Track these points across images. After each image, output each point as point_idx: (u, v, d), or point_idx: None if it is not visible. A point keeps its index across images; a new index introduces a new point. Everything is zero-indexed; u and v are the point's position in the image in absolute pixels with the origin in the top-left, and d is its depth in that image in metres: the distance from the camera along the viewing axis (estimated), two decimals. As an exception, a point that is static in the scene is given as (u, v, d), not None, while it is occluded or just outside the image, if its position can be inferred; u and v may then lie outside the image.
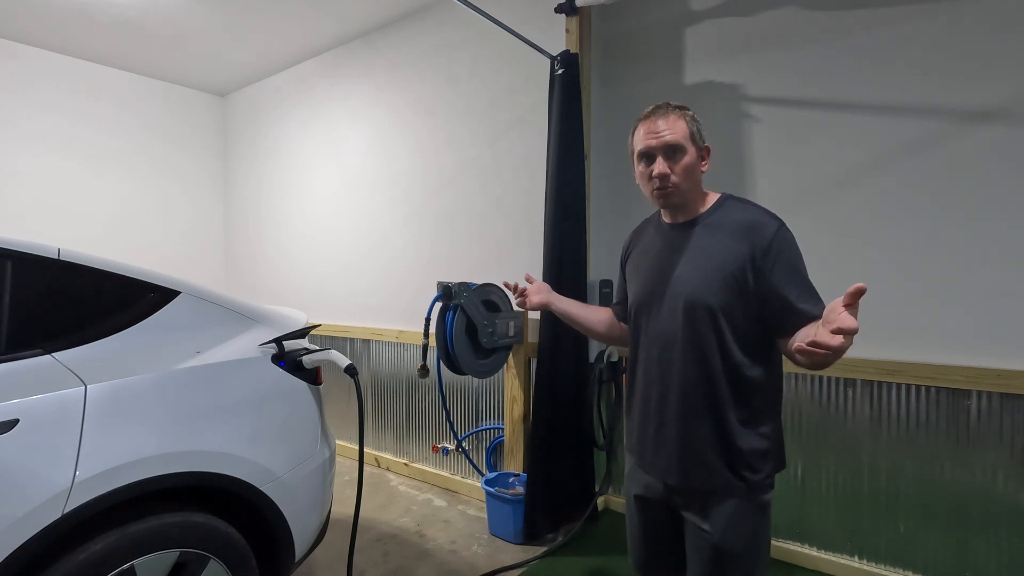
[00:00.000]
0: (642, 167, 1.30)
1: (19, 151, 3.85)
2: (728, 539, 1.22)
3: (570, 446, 2.66)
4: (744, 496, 1.22)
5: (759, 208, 1.26)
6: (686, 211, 1.31)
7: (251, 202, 4.72)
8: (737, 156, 2.47)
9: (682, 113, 1.27)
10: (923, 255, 2.10)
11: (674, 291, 1.26)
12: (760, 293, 1.18)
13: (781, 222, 1.22)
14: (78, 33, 3.70)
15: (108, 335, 1.50)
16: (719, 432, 1.22)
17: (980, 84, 1.99)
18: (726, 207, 1.29)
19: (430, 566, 2.41)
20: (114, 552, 1.35)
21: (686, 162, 1.25)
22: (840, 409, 2.27)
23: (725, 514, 1.22)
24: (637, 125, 1.31)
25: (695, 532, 1.27)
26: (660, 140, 1.24)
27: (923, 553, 2.12)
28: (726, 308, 1.20)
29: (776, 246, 1.17)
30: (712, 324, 1.21)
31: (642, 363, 1.35)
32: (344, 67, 3.92)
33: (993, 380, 1.97)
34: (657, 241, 1.38)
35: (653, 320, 1.31)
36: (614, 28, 2.83)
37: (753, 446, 1.22)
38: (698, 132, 1.28)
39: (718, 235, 1.24)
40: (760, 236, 1.18)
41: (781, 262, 1.17)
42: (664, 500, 1.33)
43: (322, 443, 1.91)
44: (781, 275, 1.17)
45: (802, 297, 1.16)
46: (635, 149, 1.31)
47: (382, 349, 3.66)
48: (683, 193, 1.27)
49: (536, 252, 2.79)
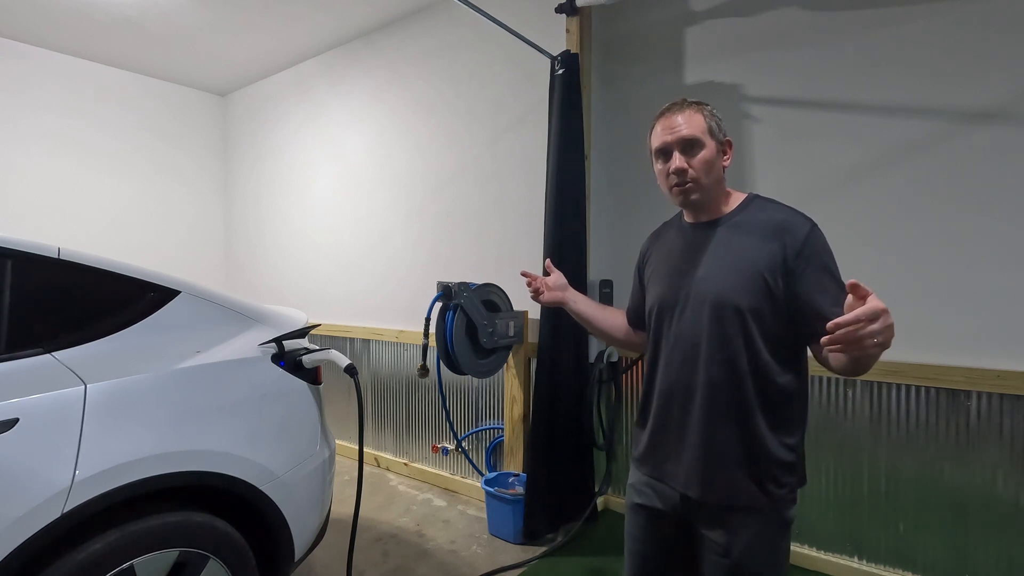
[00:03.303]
0: (660, 164, 1.26)
1: (18, 150, 3.85)
2: (748, 559, 1.15)
3: (570, 446, 2.66)
4: (768, 512, 1.16)
5: (790, 208, 1.22)
6: (709, 210, 1.26)
7: (251, 202, 4.72)
8: (737, 156, 2.47)
9: (699, 107, 1.24)
10: (923, 255, 2.10)
11: (699, 292, 1.20)
12: (791, 296, 1.13)
13: (814, 223, 1.17)
14: (78, 32, 3.70)
15: (108, 334, 1.50)
16: (744, 440, 1.16)
17: (980, 84, 2.00)
18: (754, 206, 1.25)
19: (430, 566, 2.41)
20: (114, 551, 1.35)
21: (704, 156, 1.20)
22: (840, 409, 2.27)
23: (748, 532, 1.16)
24: (654, 123, 1.27)
25: (712, 550, 1.19)
26: (676, 135, 1.21)
27: (923, 553, 2.12)
28: (754, 310, 1.14)
29: (809, 247, 1.13)
30: (740, 326, 1.15)
31: (663, 367, 1.27)
32: (344, 67, 3.92)
33: (993, 381, 1.97)
34: (679, 242, 1.32)
35: (676, 322, 1.24)
36: (614, 28, 2.83)
37: (779, 457, 1.16)
38: (717, 126, 1.24)
39: (746, 235, 1.19)
40: (792, 237, 1.14)
41: (814, 264, 1.13)
42: (678, 514, 1.25)
43: (322, 443, 1.91)
44: (814, 277, 1.12)
45: (837, 300, 1.06)
46: (653, 147, 1.27)
47: (382, 349, 3.66)
48: (704, 189, 1.22)
49: (536, 252, 2.79)
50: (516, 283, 2.95)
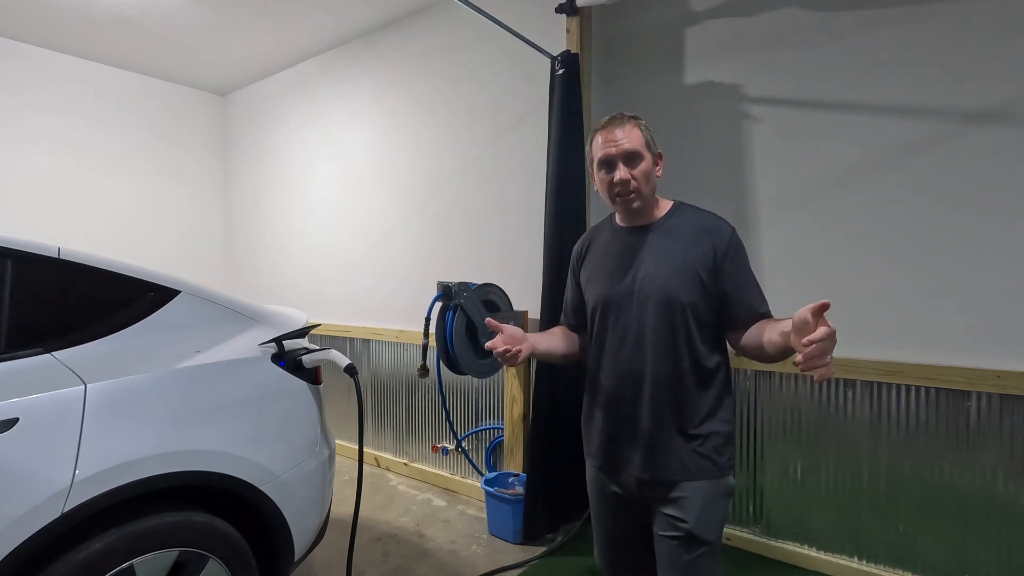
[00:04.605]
0: (603, 174, 1.37)
1: (18, 150, 3.85)
2: (701, 525, 1.28)
3: (570, 446, 2.65)
4: (714, 479, 1.30)
5: (712, 214, 1.39)
6: (644, 215, 1.40)
7: (251, 202, 4.72)
8: (737, 156, 2.47)
9: (636, 122, 1.37)
10: (923, 255, 2.10)
11: (643, 289, 1.33)
12: (720, 291, 1.30)
13: (733, 228, 1.36)
14: (77, 31, 3.70)
15: (108, 334, 1.50)
16: (688, 422, 1.30)
17: (980, 84, 1.99)
18: (681, 212, 1.40)
19: (430, 566, 2.41)
20: (114, 551, 1.35)
21: (644, 168, 1.34)
22: (840, 410, 2.27)
23: (699, 502, 1.29)
24: (595, 135, 1.39)
25: (667, 523, 1.31)
26: (619, 148, 1.33)
27: (923, 553, 2.11)
28: (693, 304, 1.29)
29: (733, 248, 1.32)
30: (683, 320, 1.30)
31: (610, 361, 1.39)
32: (344, 67, 3.92)
33: (992, 381, 1.97)
34: (615, 244, 1.44)
35: (622, 318, 1.36)
36: (614, 28, 2.83)
37: (717, 430, 1.32)
38: (652, 140, 1.38)
39: (680, 238, 1.34)
40: (719, 239, 1.32)
41: (738, 262, 1.32)
42: (635, 496, 1.37)
43: (322, 443, 1.91)
44: (740, 275, 1.31)
45: (754, 295, 1.31)
46: (595, 157, 1.38)
47: (382, 349, 3.66)
48: (643, 198, 1.35)
49: (536, 252, 2.79)
50: (516, 283, 2.95)
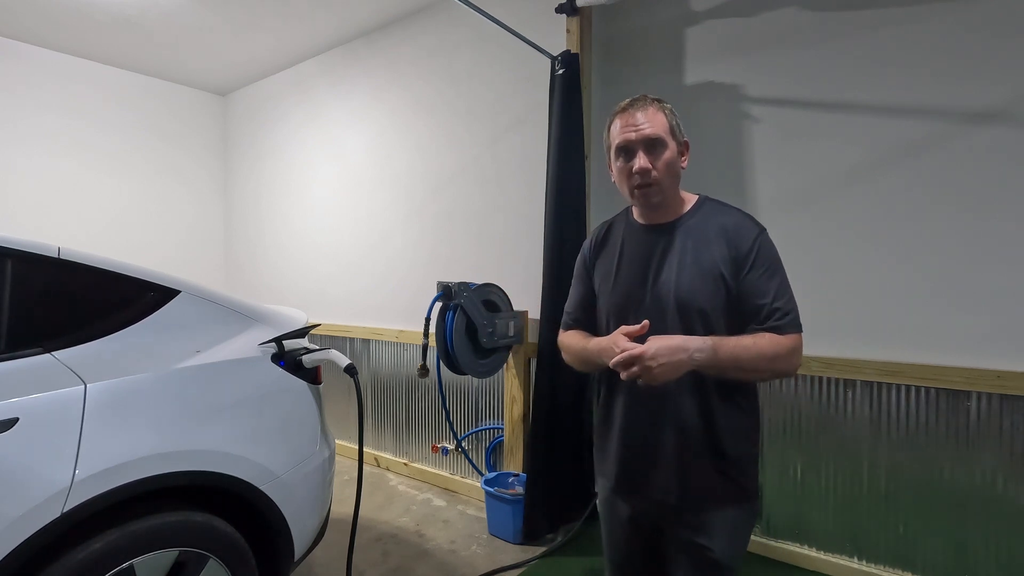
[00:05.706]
0: (620, 162, 1.23)
1: (18, 150, 3.85)
2: (728, 554, 1.20)
3: (570, 446, 2.66)
4: (740, 504, 1.21)
5: (740, 211, 1.26)
6: (666, 211, 1.26)
7: (251, 202, 4.72)
8: (737, 156, 2.47)
9: (661, 106, 1.23)
10: (922, 256, 2.10)
11: (662, 294, 1.21)
12: (740, 293, 1.18)
13: (762, 228, 1.22)
14: (78, 32, 3.70)
15: (108, 334, 1.50)
16: (714, 442, 1.19)
17: (980, 84, 1.99)
18: (705, 209, 1.26)
19: (429, 566, 2.41)
20: (114, 551, 1.35)
21: (667, 157, 1.19)
22: (840, 410, 2.27)
23: (726, 529, 1.19)
24: (613, 119, 1.25)
25: (690, 549, 1.21)
26: (640, 133, 1.19)
27: (923, 553, 2.11)
28: (716, 310, 1.18)
29: (757, 250, 1.18)
30: (704, 328, 1.17)
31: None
32: (344, 67, 3.92)
33: (992, 381, 1.97)
34: (632, 243, 1.31)
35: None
36: (614, 28, 2.83)
37: (746, 452, 1.21)
38: (677, 126, 1.24)
39: (703, 238, 1.21)
40: (743, 240, 1.19)
41: (758, 267, 1.18)
42: (653, 520, 1.27)
43: (322, 442, 1.91)
44: (757, 280, 1.17)
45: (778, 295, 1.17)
46: (612, 144, 1.24)
47: (382, 349, 3.66)
48: (664, 191, 1.22)
49: (536, 252, 2.79)
50: (516, 283, 2.95)
